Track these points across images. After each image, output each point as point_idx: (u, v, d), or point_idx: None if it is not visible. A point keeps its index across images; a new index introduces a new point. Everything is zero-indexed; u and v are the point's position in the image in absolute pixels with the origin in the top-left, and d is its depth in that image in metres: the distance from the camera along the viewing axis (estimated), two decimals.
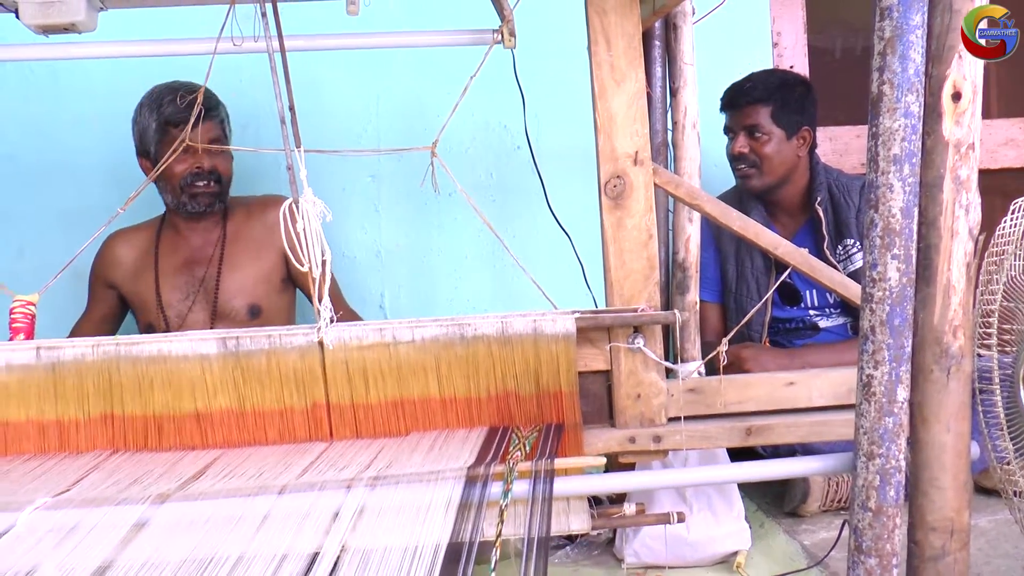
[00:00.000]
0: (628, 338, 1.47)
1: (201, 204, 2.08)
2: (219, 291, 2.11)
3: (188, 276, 2.14)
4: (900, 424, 1.08)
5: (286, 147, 1.46)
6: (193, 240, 2.15)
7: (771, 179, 2.14)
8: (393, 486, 1.19)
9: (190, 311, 2.10)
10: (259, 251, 2.13)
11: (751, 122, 2.11)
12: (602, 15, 1.51)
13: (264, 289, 2.13)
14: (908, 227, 1.06)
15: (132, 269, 2.15)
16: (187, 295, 2.12)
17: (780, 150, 2.12)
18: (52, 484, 1.29)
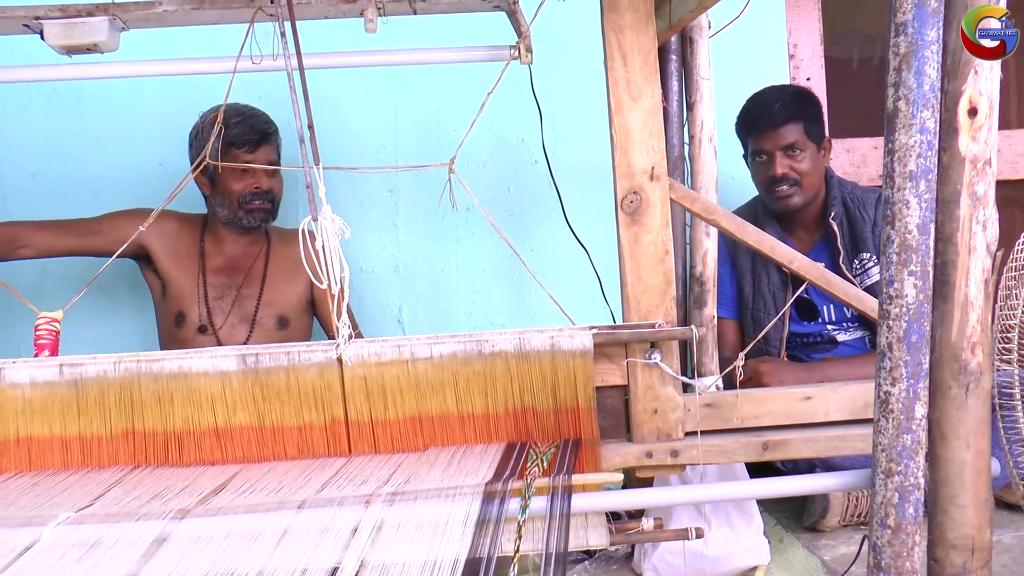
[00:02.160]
0: (645, 353, 1.48)
1: (256, 219, 2.21)
2: (260, 299, 2.25)
3: (226, 279, 2.25)
4: (918, 441, 1.08)
5: (305, 165, 1.48)
6: (234, 250, 2.27)
7: (810, 195, 2.16)
8: (412, 502, 1.20)
9: (227, 313, 2.22)
10: (293, 274, 2.25)
11: (789, 141, 2.11)
12: (618, 32, 1.52)
13: (294, 306, 2.26)
14: (925, 243, 1.06)
15: (177, 251, 2.25)
16: (222, 296, 2.24)
17: (815, 164, 2.14)
18: (75, 499, 1.31)
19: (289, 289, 2.26)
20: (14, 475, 1.43)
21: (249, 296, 2.24)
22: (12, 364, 1.46)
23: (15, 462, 1.45)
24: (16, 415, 1.45)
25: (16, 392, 1.45)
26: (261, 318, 2.24)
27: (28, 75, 1.73)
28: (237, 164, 2.13)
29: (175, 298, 2.25)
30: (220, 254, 2.27)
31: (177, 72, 1.73)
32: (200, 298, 2.22)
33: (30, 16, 1.58)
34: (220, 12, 1.64)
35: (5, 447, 1.45)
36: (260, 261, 2.27)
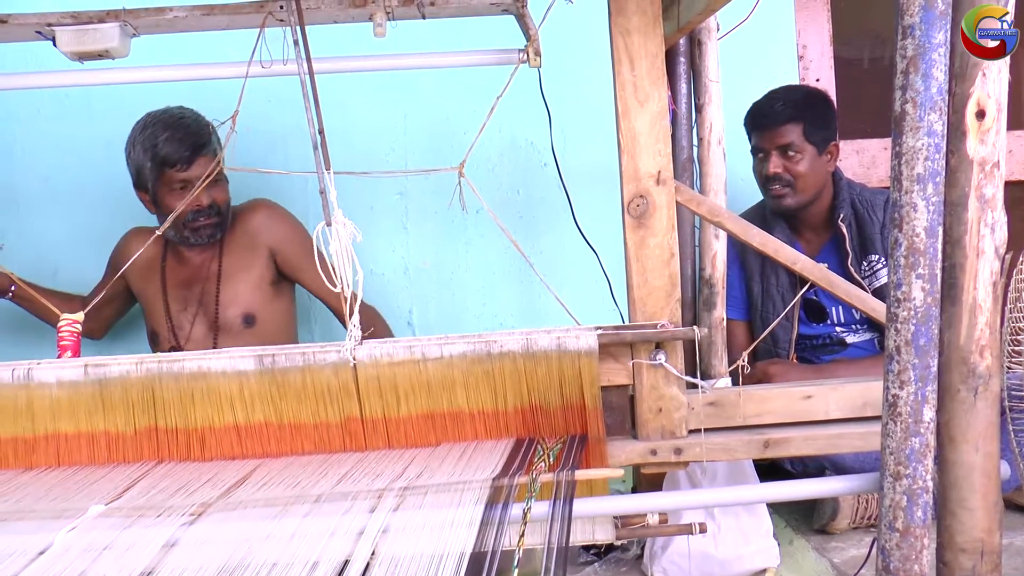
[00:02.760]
0: (650, 354, 1.57)
1: (204, 237, 2.22)
2: (216, 304, 2.25)
3: (187, 291, 2.28)
4: (927, 444, 1.13)
5: (318, 170, 1.58)
6: (193, 259, 2.30)
7: (805, 197, 2.24)
8: (422, 495, 1.31)
9: (192, 325, 2.24)
10: (248, 258, 2.26)
11: (785, 141, 2.21)
12: (625, 35, 1.60)
13: (258, 297, 2.26)
14: (933, 246, 1.10)
15: (143, 269, 2.29)
16: (185, 307, 2.27)
17: (813, 167, 2.22)
18: (103, 492, 1.43)
19: (246, 279, 2.25)
20: (45, 470, 1.55)
21: (208, 301, 2.25)
22: (38, 365, 1.57)
23: (44, 458, 1.57)
24: (44, 413, 1.57)
25: (44, 391, 1.56)
26: (224, 322, 2.24)
27: (41, 81, 1.82)
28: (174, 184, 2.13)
29: (148, 316, 2.31)
30: (181, 264, 2.29)
31: (188, 78, 1.82)
32: (164, 314, 2.25)
33: (42, 23, 1.68)
34: (230, 17, 1.74)
35: (35, 443, 1.57)
36: (217, 262, 2.27)
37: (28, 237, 2.55)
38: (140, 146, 2.18)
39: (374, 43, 1.71)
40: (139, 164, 2.19)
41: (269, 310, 2.28)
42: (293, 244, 2.24)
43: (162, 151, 2.14)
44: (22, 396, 1.57)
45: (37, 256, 2.55)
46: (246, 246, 2.26)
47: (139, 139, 2.19)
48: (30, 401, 1.57)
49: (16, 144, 2.54)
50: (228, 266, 2.27)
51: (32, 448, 1.58)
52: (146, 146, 2.17)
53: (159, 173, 2.16)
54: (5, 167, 2.54)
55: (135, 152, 2.19)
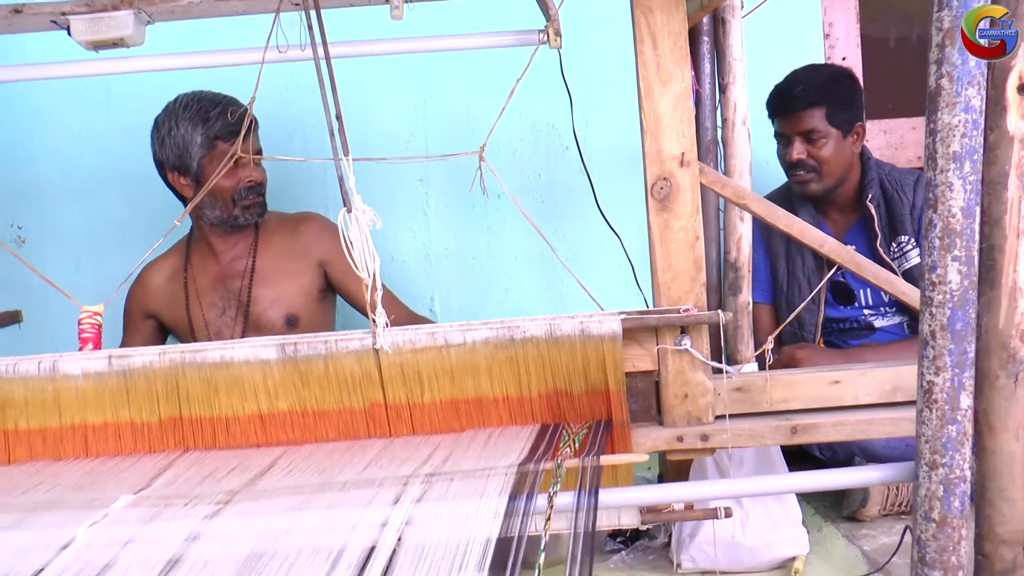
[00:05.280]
0: (675, 339, 1.58)
1: (253, 215, 2.22)
2: (251, 302, 2.24)
3: (223, 291, 2.27)
4: (964, 432, 1.11)
5: (335, 157, 1.59)
6: (224, 255, 2.29)
7: (830, 181, 2.23)
8: (448, 482, 1.33)
9: (232, 328, 2.25)
10: (295, 265, 2.26)
11: (807, 127, 2.20)
12: (648, 14, 1.60)
13: (303, 300, 2.27)
14: (970, 227, 1.07)
15: (168, 295, 2.29)
16: (223, 311, 2.27)
17: (837, 151, 2.21)
18: (132, 482, 1.46)
19: (292, 283, 2.25)
20: (74, 460, 1.59)
21: (252, 300, 2.25)
22: (63, 357, 1.61)
23: (72, 448, 1.61)
24: (71, 404, 1.60)
25: (70, 383, 1.60)
26: (264, 323, 2.24)
27: (56, 72, 1.83)
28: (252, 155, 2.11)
29: (181, 336, 2.31)
30: (207, 270, 2.28)
31: (203, 65, 1.83)
32: (202, 326, 2.25)
33: (57, 12, 1.70)
34: (246, 3, 1.75)
35: (63, 434, 1.61)
36: (252, 259, 2.27)
37: (49, 230, 2.59)
38: (187, 122, 2.15)
39: (391, 26, 1.72)
40: (184, 141, 2.15)
41: (312, 312, 2.29)
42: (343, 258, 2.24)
43: (216, 124, 2.13)
44: (49, 388, 1.60)
45: (58, 249, 2.59)
46: (295, 253, 2.27)
47: (183, 116, 2.17)
48: (57, 393, 1.60)
49: (36, 137, 2.58)
50: (265, 266, 2.27)
51: (60, 438, 1.62)
52: (195, 121, 2.15)
53: (210, 148, 2.14)
54: (26, 160, 2.57)
55: (179, 130, 2.16)
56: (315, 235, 2.27)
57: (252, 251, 2.27)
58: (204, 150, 2.15)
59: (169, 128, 2.18)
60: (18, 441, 1.62)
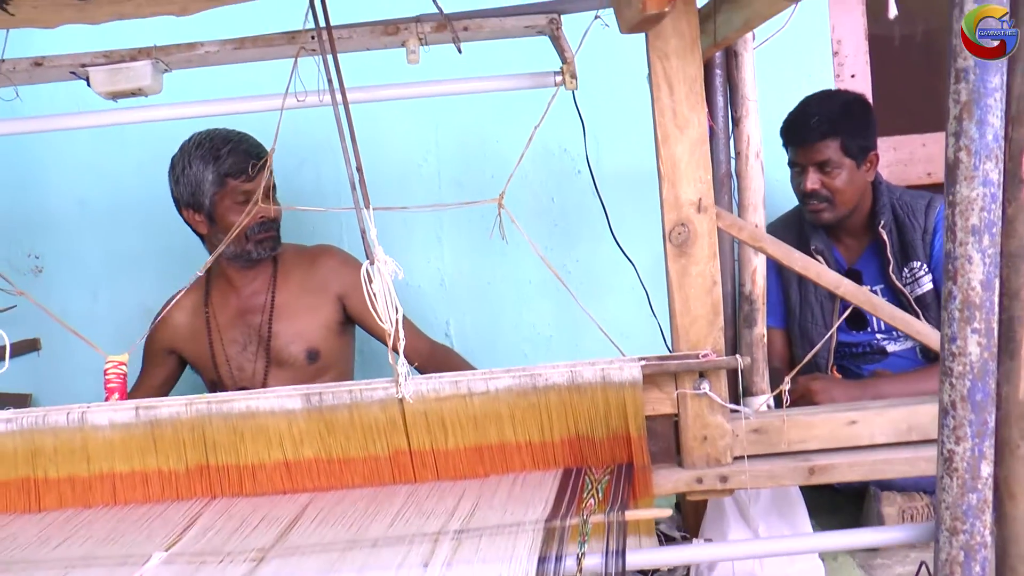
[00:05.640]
0: (694, 383, 1.61)
1: (267, 249, 2.26)
2: (272, 337, 2.27)
3: (244, 326, 2.31)
4: (985, 500, 1.13)
5: (357, 208, 1.62)
6: (244, 290, 2.32)
7: (844, 211, 2.26)
8: (477, 538, 1.36)
9: (253, 362, 2.28)
10: (314, 299, 2.30)
11: (822, 158, 2.22)
12: (664, 59, 1.61)
13: (323, 334, 2.30)
14: (989, 299, 1.09)
15: (189, 331, 2.32)
16: (245, 346, 2.30)
17: (851, 181, 2.23)
18: (162, 534, 1.50)
19: (311, 318, 2.29)
20: (103, 508, 1.63)
21: (272, 335, 2.28)
22: (90, 408, 1.64)
23: (101, 496, 1.64)
24: (99, 453, 1.63)
25: (98, 433, 1.63)
26: (286, 358, 2.27)
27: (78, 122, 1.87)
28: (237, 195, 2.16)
29: (203, 371, 2.34)
30: (227, 305, 2.31)
31: (222, 112, 1.87)
32: (224, 360, 2.28)
33: (76, 64, 1.73)
34: (262, 50, 1.78)
35: (92, 482, 1.64)
36: (271, 293, 2.30)
37: (65, 260, 2.62)
38: (199, 160, 2.20)
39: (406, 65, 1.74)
40: (196, 179, 2.20)
41: (332, 345, 2.33)
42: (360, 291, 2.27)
43: (226, 162, 2.18)
44: (77, 438, 1.64)
45: (75, 278, 2.62)
46: (312, 288, 2.30)
47: (195, 155, 2.22)
48: (85, 442, 1.64)
49: (52, 168, 2.60)
50: (284, 301, 2.30)
51: (89, 487, 1.65)
52: (207, 159, 2.20)
53: (221, 185, 2.19)
54: (41, 191, 2.60)
55: (192, 168, 2.21)
56: (333, 269, 2.30)
57: (271, 286, 2.30)
58: (215, 187, 2.19)
59: (183, 167, 2.22)
60: (48, 489, 1.66)
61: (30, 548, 1.50)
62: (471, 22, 1.74)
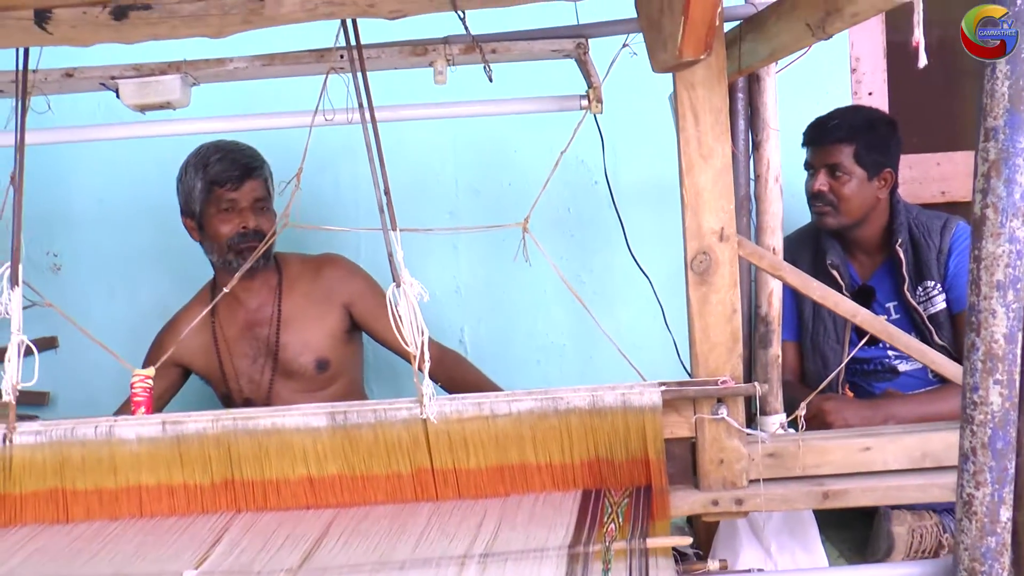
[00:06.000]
0: (712, 408, 1.65)
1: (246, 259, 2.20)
2: (280, 349, 2.30)
3: (251, 339, 2.34)
4: (1003, 543, 1.17)
5: (384, 231, 1.64)
6: (249, 302, 2.35)
7: (847, 219, 2.29)
8: (502, 563, 1.40)
9: (262, 374, 2.31)
10: (320, 308, 2.33)
11: (833, 161, 2.25)
12: (690, 89, 1.64)
13: (331, 343, 2.34)
14: (1012, 352, 1.12)
15: (198, 346, 2.34)
16: (255, 359, 2.33)
17: (860, 191, 2.26)
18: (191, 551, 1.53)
19: (319, 327, 2.32)
20: (131, 520, 1.66)
21: (280, 347, 2.30)
22: (118, 422, 1.67)
23: (128, 508, 1.67)
24: (126, 466, 1.66)
25: (125, 447, 1.65)
26: (295, 368, 2.30)
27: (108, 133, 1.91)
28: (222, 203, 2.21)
29: (215, 385, 2.37)
30: (235, 319, 2.34)
31: (249, 128, 1.90)
32: (233, 374, 2.31)
33: (106, 76, 1.76)
34: (290, 67, 1.81)
35: (119, 495, 1.67)
36: (277, 305, 2.33)
37: (84, 257, 2.65)
38: (192, 169, 2.27)
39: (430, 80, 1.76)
40: (189, 187, 2.27)
41: (341, 353, 2.36)
42: (366, 299, 2.32)
43: (212, 170, 2.23)
44: (105, 451, 1.66)
45: (93, 276, 2.65)
46: (318, 298, 2.34)
47: (191, 164, 2.28)
48: (112, 455, 1.66)
49: (70, 166, 2.63)
50: (291, 312, 2.33)
51: (116, 499, 1.68)
52: (198, 168, 2.26)
53: (208, 193, 2.23)
54: (60, 189, 2.63)
55: (187, 176, 2.27)
56: (338, 279, 2.34)
57: (276, 297, 2.33)
58: (204, 195, 2.24)
59: (181, 175, 2.30)
60: (76, 501, 1.69)
61: (61, 562, 1.53)
62: (499, 45, 1.77)
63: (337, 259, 2.40)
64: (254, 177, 2.24)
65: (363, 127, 1.65)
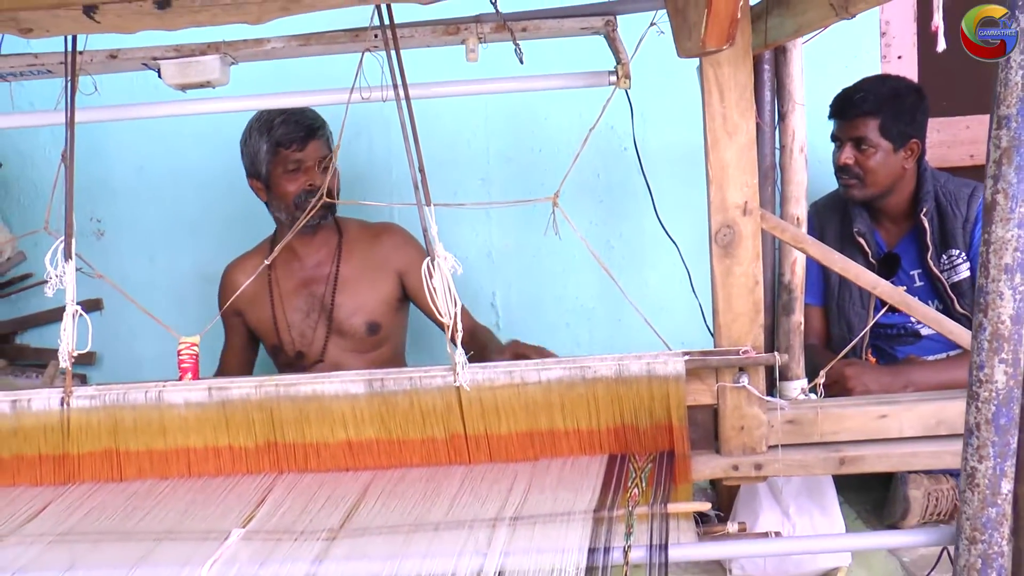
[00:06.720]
0: (733, 377, 1.73)
1: (315, 217, 2.33)
2: (335, 308, 2.41)
3: (307, 295, 2.44)
4: (1003, 514, 1.23)
5: (419, 207, 1.72)
6: (308, 260, 2.45)
7: (874, 191, 2.33)
8: (531, 526, 1.50)
9: (315, 330, 2.41)
10: (376, 274, 2.42)
11: (858, 134, 2.29)
12: (716, 66, 1.68)
13: (383, 309, 2.44)
14: (1017, 332, 1.17)
15: (251, 295, 2.43)
16: (308, 314, 2.43)
17: (886, 163, 2.30)
18: (238, 510, 1.64)
19: (373, 292, 2.42)
20: (180, 479, 1.78)
21: (335, 306, 2.41)
22: (167, 387, 1.78)
23: (177, 468, 1.79)
24: (175, 429, 1.77)
25: (174, 411, 1.76)
26: (347, 329, 2.40)
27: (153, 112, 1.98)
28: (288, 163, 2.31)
29: (264, 336, 2.46)
30: (292, 274, 2.44)
31: (286, 105, 1.97)
32: (285, 325, 2.40)
33: (148, 57, 1.83)
34: (326, 47, 1.87)
35: (169, 456, 1.78)
36: (335, 265, 2.43)
37: (125, 224, 2.75)
38: (257, 132, 2.36)
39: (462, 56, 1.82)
40: (255, 149, 2.36)
41: (391, 319, 2.46)
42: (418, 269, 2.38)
43: (277, 133, 2.32)
44: (155, 414, 1.77)
45: (133, 242, 2.76)
46: (375, 264, 2.44)
47: (255, 126, 2.37)
48: (162, 418, 1.77)
49: (110, 136, 2.72)
50: (348, 274, 2.43)
51: (165, 460, 1.79)
52: (262, 130, 2.35)
53: (274, 154, 2.33)
54: (101, 158, 2.72)
55: (252, 139, 2.37)
56: (395, 247, 2.43)
57: (336, 258, 2.43)
58: (269, 156, 2.34)
59: (246, 138, 2.38)
60: (128, 461, 1.80)
61: (118, 518, 1.65)
62: (530, 23, 1.82)
63: (395, 228, 2.50)
64: (317, 137, 2.34)
65: (397, 107, 1.71)
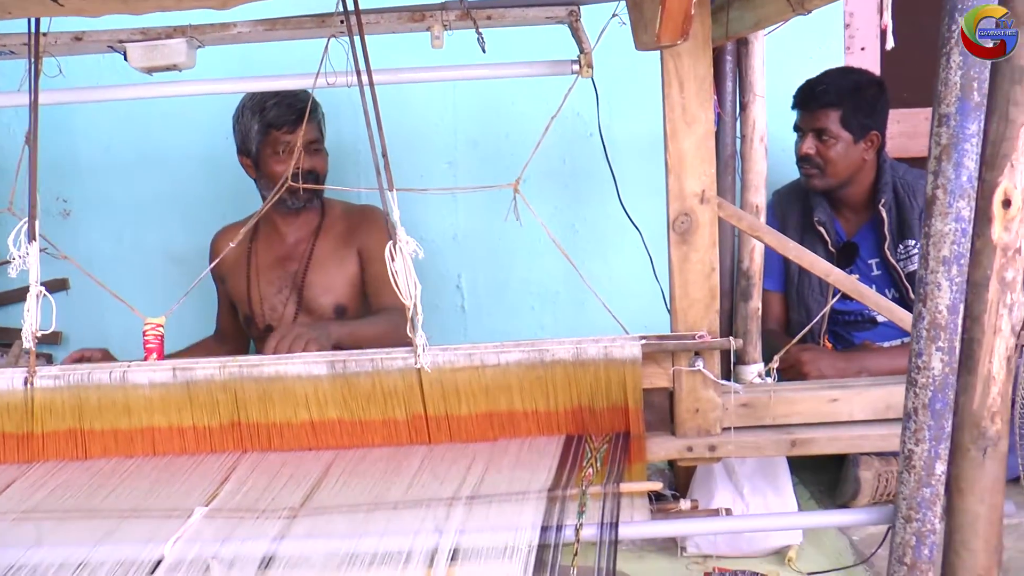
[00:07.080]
0: (689, 361, 1.78)
1: (300, 200, 2.41)
2: (305, 286, 2.44)
3: (282, 271, 2.47)
4: (937, 494, 1.30)
5: (381, 191, 1.75)
6: (288, 237, 2.48)
7: (834, 181, 2.39)
8: (487, 505, 1.54)
9: (285, 306, 2.44)
10: (343, 254, 2.45)
11: (819, 125, 2.35)
12: (676, 58, 1.73)
13: (350, 291, 2.46)
14: (953, 322, 1.23)
15: (232, 264, 2.48)
16: (280, 289, 2.46)
17: (846, 154, 2.36)
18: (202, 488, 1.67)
19: (340, 272, 2.45)
20: (144, 458, 1.81)
21: (306, 284, 2.44)
22: (131, 367, 1.80)
23: (142, 447, 1.82)
24: (139, 409, 1.80)
25: (138, 391, 1.80)
26: (315, 308, 2.43)
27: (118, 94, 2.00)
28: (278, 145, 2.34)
29: (238, 303, 2.50)
30: (271, 248, 2.47)
31: (252, 89, 1.99)
32: (258, 297, 2.45)
33: (114, 39, 1.84)
34: (292, 32, 1.89)
35: (134, 435, 1.82)
36: (311, 244, 2.47)
37: (92, 204, 2.76)
38: (249, 111, 2.39)
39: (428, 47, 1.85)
40: (246, 128, 2.39)
41: (358, 303, 2.48)
42: (372, 244, 2.40)
43: (269, 114, 2.35)
44: (119, 394, 1.80)
45: (100, 222, 2.76)
46: (346, 243, 2.46)
47: (248, 105, 2.40)
48: (126, 398, 1.80)
49: (77, 115, 2.72)
50: (321, 254, 2.46)
51: (130, 439, 1.82)
52: (255, 110, 2.38)
53: (265, 135, 2.36)
54: (68, 137, 2.72)
55: (244, 117, 2.39)
56: (360, 224, 2.46)
57: (313, 237, 2.47)
58: (260, 136, 2.37)
59: (238, 115, 2.41)
60: (93, 440, 1.83)
61: (82, 496, 1.68)
62: (494, 11, 1.85)
63: (372, 212, 2.51)
64: (309, 120, 2.33)
65: (360, 93, 1.74)
